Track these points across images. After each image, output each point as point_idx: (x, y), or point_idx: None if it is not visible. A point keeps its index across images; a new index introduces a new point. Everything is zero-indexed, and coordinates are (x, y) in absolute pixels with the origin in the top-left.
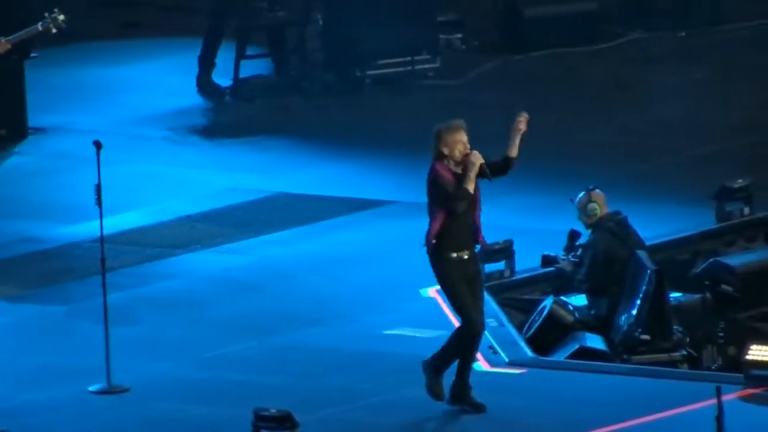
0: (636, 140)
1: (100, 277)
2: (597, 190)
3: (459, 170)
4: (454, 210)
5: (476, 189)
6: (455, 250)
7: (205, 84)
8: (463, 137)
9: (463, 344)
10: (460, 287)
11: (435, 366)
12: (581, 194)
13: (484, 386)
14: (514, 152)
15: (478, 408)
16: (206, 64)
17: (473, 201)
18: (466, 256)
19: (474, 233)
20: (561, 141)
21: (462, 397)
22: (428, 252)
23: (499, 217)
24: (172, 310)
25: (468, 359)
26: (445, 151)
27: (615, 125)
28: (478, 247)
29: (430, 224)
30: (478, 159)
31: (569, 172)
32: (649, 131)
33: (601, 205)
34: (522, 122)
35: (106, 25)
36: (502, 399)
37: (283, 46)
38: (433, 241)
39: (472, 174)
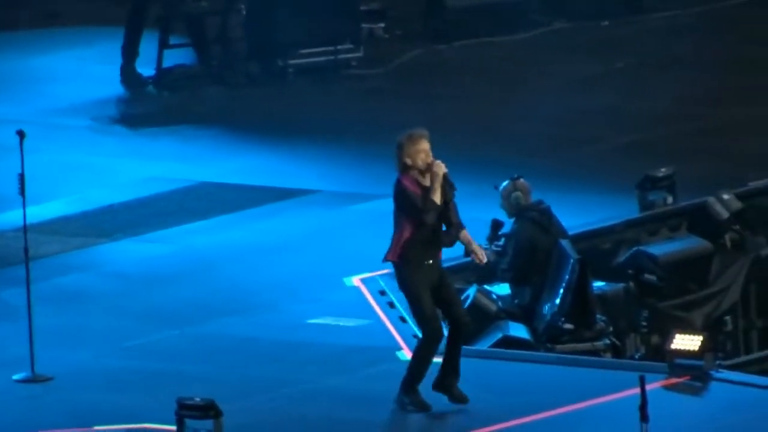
0: (559, 129)
1: (24, 267)
2: (522, 180)
3: (425, 182)
4: (424, 221)
5: (444, 201)
6: (421, 258)
7: (128, 74)
8: (425, 146)
9: (430, 349)
10: (424, 295)
11: (410, 383)
12: (506, 182)
13: None
14: (462, 239)
15: (461, 399)
16: (129, 53)
17: (440, 212)
18: (430, 262)
19: (437, 240)
20: (484, 130)
21: (444, 386)
22: (394, 260)
23: None
24: (95, 300)
25: (453, 352)
26: (408, 161)
27: (537, 115)
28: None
29: (398, 233)
30: (441, 169)
31: (493, 162)
32: (572, 120)
33: (525, 194)
34: (477, 257)
35: (27, 15)
36: (425, 388)
37: (205, 36)
38: (399, 251)
39: (437, 185)
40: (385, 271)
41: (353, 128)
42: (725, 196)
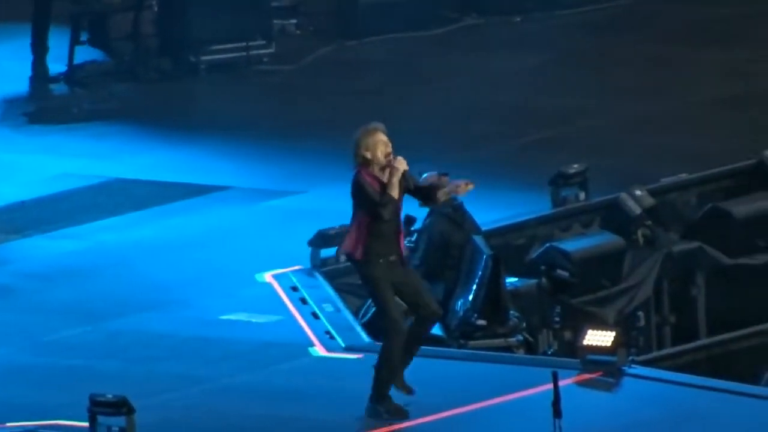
0: (471, 126)
1: None
2: (446, 178)
3: (383, 177)
4: (380, 216)
5: (400, 197)
6: (382, 254)
7: (39, 70)
8: (383, 137)
9: (396, 347)
10: (387, 291)
11: (380, 390)
12: (431, 173)
13: (320, 371)
14: (443, 195)
15: (408, 391)
16: (39, 50)
17: (398, 208)
18: (392, 258)
19: (397, 240)
20: (396, 126)
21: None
22: (354, 257)
23: (334, 202)
24: (6, 296)
25: (412, 344)
26: (368, 155)
27: (451, 110)
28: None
29: (356, 230)
30: (401, 164)
31: (404, 156)
32: (484, 117)
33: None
34: (461, 189)
35: None
36: (338, 384)
37: (116, 32)
38: (360, 247)
39: (395, 179)
40: (297, 267)
41: (265, 124)
42: (637, 192)
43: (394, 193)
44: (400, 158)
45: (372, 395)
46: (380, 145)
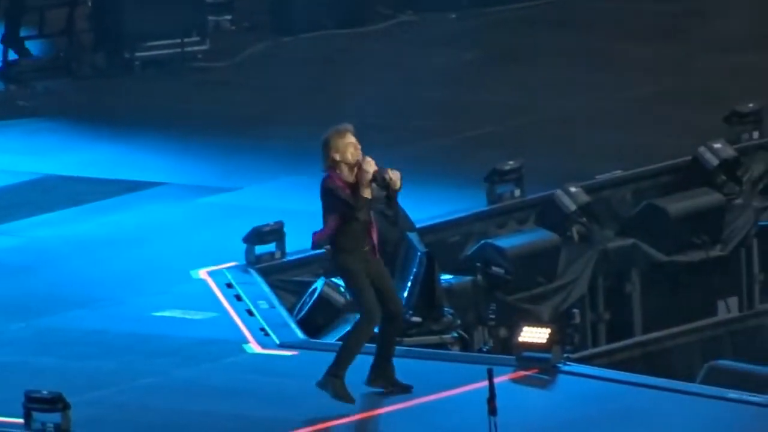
0: (407, 122)
1: None
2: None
3: (352, 179)
4: (356, 218)
5: (373, 193)
6: (357, 246)
7: None
8: (352, 139)
9: (367, 333)
10: (362, 280)
11: (338, 367)
12: None
13: (255, 368)
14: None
15: (405, 389)
16: None
17: (370, 207)
18: (366, 248)
19: (369, 232)
20: (328, 123)
21: (387, 378)
22: (321, 248)
23: (269, 199)
24: None
25: (389, 345)
26: (337, 156)
27: (385, 107)
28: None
29: (325, 227)
30: (371, 166)
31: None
32: (420, 113)
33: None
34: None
35: None
36: (273, 381)
37: (52, 28)
38: (328, 246)
39: (366, 181)
40: (232, 264)
41: (200, 121)
42: (572, 189)
43: (367, 194)
44: (368, 159)
45: (329, 368)
46: (350, 147)
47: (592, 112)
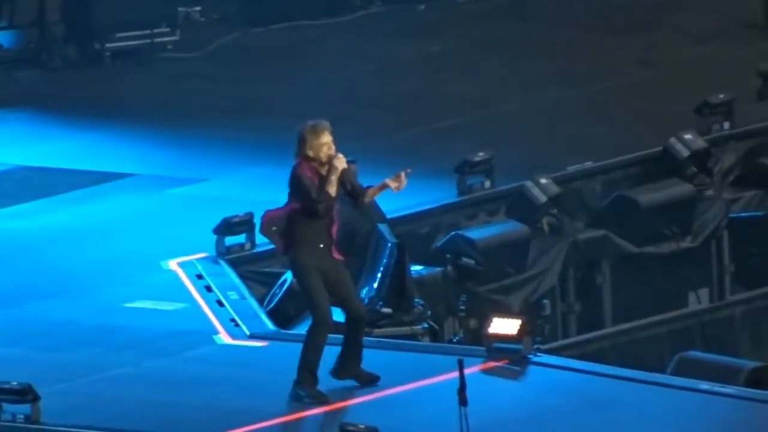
0: (377, 113)
1: None
2: (353, 165)
3: (324, 171)
4: (315, 212)
5: (337, 192)
6: (312, 240)
7: None
8: (327, 138)
9: (321, 336)
10: (314, 279)
11: (304, 374)
12: None
13: (225, 360)
14: (368, 196)
15: (371, 379)
16: None
17: (332, 205)
18: (322, 246)
19: (329, 229)
20: (298, 114)
21: (353, 371)
22: (284, 246)
23: (239, 190)
24: None
25: (354, 342)
26: (310, 153)
27: (354, 98)
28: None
29: (287, 217)
30: (341, 164)
31: None
32: (390, 104)
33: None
34: (396, 185)
35: None
36: (243, 372)
37: (20, 18)
38: (289, 235)
39: (334, 177)
40: (202, 255)
41: (169, 112)
42: (543, 181)
43: (332, 190)
44: (340, 156)
45: (297, 378)
46: (324, 147)
47: (562, 103)
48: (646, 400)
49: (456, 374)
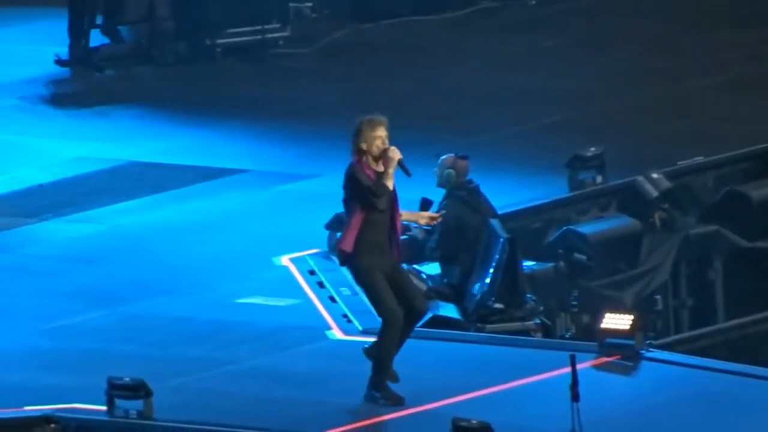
0: (487, 108)
1: None
2: (464, 161)
3: (379, 168)
4: (374, 207)
5: (394, 187)
6: (375, 242)
7: (77, 53)
8: (382, 133)
9: (391, 336)
10: (380, 281)
11: (378, 377)
12: (449, 155)
13: (339, 355)
14: (403, 215)
15: (393, 378)
16: (76, 33)
17: (392, 199)
18: (383, 247)
19: (391, 231)
20: (410, 109)
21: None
22: (348, 251)
23: None
24: (24, 280)
25: (403, 336)
26: (363, 146)
27: (465, 94)
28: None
29: (350, 222)
30: (396, 154)
31: (419, 141)
32: (501, 100)
33: (459, 174)
34: (430, 221)
35: None
36: (356, 367)
37: (132, 15)
38: (353, 240)
39: (391, 170)
40: (314, 251)
41: (281, 108)
42: (654, 176)
43: (389, 183)
44: (393, 148)
45: (370, 383)
46: (377, 140)
47: (674, 97)
48: (759, 395)
49: (568, 370)
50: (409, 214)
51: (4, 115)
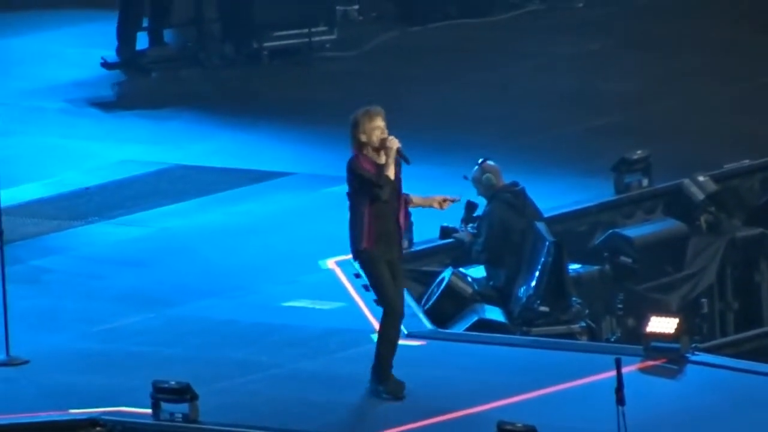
0: (534, 111)
1: None
2: (489, 162)
3: (381, 159)
4: (378, 197)
5: (398, 178)
6: (381, 232)
7: (126, 56)
8: (380, 123)
9: (393, 327)
10: (384, 271)
11: (380, 370)
12: (474, 169)
13: None
14: (414, 201)
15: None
16: (124, 36)
17: (395, 189)
18: (388, 238)
19: (395, 219)
20: (458, 113)
21: None
22: (357, 246)
23: None
24: (71, 282)
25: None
26: (363, 138)
27: (512, 96)
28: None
29: (356, 219)
30: (394, 143)
31: (466, 144)
32: (547, 102)
33: (495, 175)
34: (443, 203)
35: None
36: (401, 371)
37: (178, 18)
38: (365, 237)
39: (391, 159)
40: None
41: (327, 111)
42: (700, 179)
43: (390, 173)
44: (391, 137)
45: (373, 376)
46: (377, 130)
47: (719, 101)
48: None
49: (613, 373)
50: (422, 200)
51: (51, 118)
